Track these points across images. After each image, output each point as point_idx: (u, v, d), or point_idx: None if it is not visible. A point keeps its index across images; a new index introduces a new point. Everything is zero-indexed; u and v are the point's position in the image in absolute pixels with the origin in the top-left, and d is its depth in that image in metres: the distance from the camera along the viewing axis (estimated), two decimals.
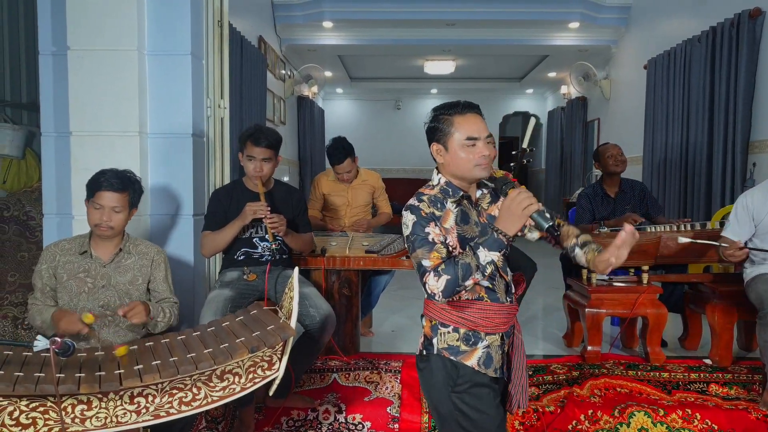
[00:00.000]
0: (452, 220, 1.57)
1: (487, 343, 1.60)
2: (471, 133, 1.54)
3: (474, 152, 1.54)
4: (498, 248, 1.45)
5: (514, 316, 1.64)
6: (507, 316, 1.61)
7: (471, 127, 1.55)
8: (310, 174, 8.05)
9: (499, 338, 1.62)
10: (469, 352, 1.58)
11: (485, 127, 1.57)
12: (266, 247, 2.60)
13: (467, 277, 1.44)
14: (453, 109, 1.58)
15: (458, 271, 1.44)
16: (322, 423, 2.48)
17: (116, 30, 2.70)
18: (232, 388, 1.56)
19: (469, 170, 1.56)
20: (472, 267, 1.43)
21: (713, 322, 2.90)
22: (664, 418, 2.46)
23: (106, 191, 2.04)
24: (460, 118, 1.56)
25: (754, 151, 3.97)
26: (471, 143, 1.54)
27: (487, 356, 1.59)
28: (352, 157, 3.42)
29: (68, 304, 2.09)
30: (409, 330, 3.61)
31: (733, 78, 4.09)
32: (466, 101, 1.60)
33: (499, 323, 1.60)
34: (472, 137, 1.54)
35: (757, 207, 2.66)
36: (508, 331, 1.63)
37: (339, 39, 7.17)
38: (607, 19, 6.56)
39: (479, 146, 1.54)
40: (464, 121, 1.55)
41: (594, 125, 7.80)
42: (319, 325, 2.43)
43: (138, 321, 1.95)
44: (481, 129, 1.55)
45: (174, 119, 2.84)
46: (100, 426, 1.43)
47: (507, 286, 1.64)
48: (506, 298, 1.62)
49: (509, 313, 1.62)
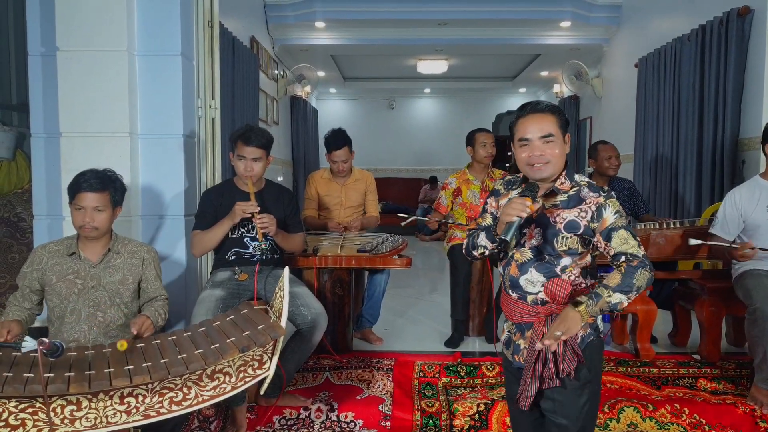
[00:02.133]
0: (505, 202, 1.66)
1: (508, 327, 1.74)
2: (523, 135, 1.60)
3: (526, 153, 1.59)
4: (490, 239, 1.64)
5: (526, 313, 1.64)
6: (515, 309, 1.66)
7: (524, 129, 1.60)
8: (303, 174, 8.04)
9: (513, 327, 1.70)
10: (503, 328, 1.78)
11: (545, 126, 1.57)
12: (257, 247, 2.61)
13: (472, 249, 1.70)
14: (521, 111, 1.64)
15: (470, 241, 1.71)
16: (314, 422, 2.49)
17: (106, 31, 2.70)
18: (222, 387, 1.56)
19: (523, 169, 1.64)
20: (474, 244, 1.69)
21: (702, 318, 2.93)
22: (653, 413, 2.48)
23: (86, 192, 2.04)
24: (521, 121, 1.62)
25: (743, 148, 4.00)
26: (524, 143, 1.60)
27: (508, 339, 1.73)
28: (349, 146, 3.42)
29: (59, 307, 2.09)
30: (402, 328, 3.62)
31: (723, 76, 4.12)
32: (533, 102, 1.63)
33: (509, 312, 1.69)
34: (524, 138, 1.59)
35: (745, 204, 2.69)
36: (521, 325, 1.66)
37: (331, 39, 7.17)
38: (599, 18, 6.59)
39: (533, 146, 1.58)
40: (523, 123, 1.61)
41: (586, 124, 7.83)
42: (310, 324, 2.44)
43: (149, 335, 1.95)
44: (535, 129, 1.58)
45: (164, 120, 2.84)
46: (90, 426, 1.43)
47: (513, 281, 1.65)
48: (511, 291, 1.66)
49: (516, 306, 1.65)
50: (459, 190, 3.47)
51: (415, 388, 2.71)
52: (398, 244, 3.14)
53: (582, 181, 1.63)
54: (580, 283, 1.61)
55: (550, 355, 1.56)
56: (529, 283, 1.62)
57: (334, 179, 3.53)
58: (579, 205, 1.58)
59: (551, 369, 1.56)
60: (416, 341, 3.34)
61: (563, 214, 1.58)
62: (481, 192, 3.45)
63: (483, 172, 3.49)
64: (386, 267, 3.07)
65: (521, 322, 1.66)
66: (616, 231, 1.54)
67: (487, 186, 3.46)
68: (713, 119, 4.21)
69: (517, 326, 1.68)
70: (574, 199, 1.60)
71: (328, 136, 3.41)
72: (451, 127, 10.96)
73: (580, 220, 1.57)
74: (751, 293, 2.55)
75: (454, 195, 3.49)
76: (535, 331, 1.59)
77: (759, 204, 2.66)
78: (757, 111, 3.87)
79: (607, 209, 1.56)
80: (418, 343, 3.31)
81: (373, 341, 3.28)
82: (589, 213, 1.57)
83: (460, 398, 2.59)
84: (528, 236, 1.62)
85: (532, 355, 1.58)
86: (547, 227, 1.59)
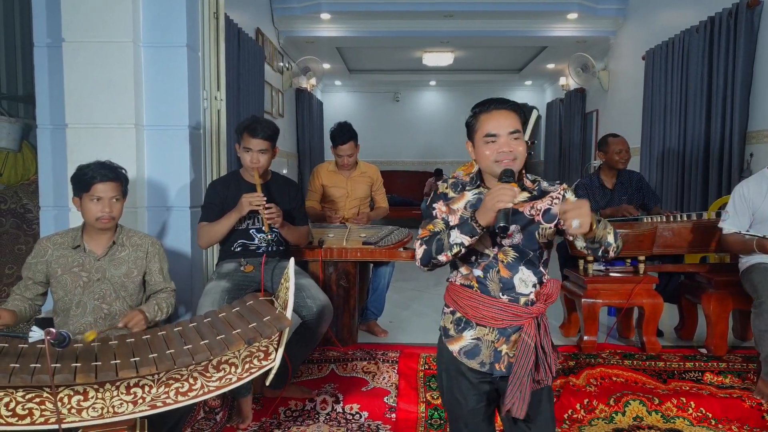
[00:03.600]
0: (463, 203, 1.63)
1: (477, 334, 1.61)
2: (490, 130, 1.56)
3: (493, 149, 1.56)
4: (469, 233, 1.51)
5: (516, 316, 1.57)
6: (501, 313, 1.57)
7: (490, 124, 1.56)
8: (308, 166, 8.04)
9: (493, 333, 1.59)
10: (455, 337, 1.64)
11: (511, 123, 1.55)
12: (263, 238, 2.61)
13: (440, 252, 1.54)
14: (481, 107, 1.60)
15: (433, 245, 1.55)
16: (319, 413, 2.50)
17: (111, 22, 2.69)
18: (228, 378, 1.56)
19: (488, 166, 1.59)
20: (445, 245, 1.53)
21: (708, 311, 2.91)
22: (659, 406, 2.48)
23: (102, 182, 2.05)
24: (485, 116, 1.58)
25: (752, 141, 3.96)
26: (491, 140, 1.56)
27: (474, 347, 1.61)
28: (355, 141, 3.41)
29: (64, 299, 2.09)
30: (407, 321, 3.62)
31: (731, 68, 4.08)
32: (493, 99, 1.61)
33: (488, 316, 1.58)
34: (491, 134, 1.56)
35: (754, 196, 2.67)
36: (506, 330, 1.58)
37: (337, 31, 7.14)
38: (606, 9, 6.53)
39: (500, 142, 1.54)
40: (486, 119, 1.57)
41: (593, 117, 7.79)
42: (316, 315, 2.44)
43: (137, 330, 1.95)
44: (503, 124, 1.54)
45: (170, 111, 2.84)
46: (97, 416, 1.44)
47: (506, 283, 1.57)
48: (501, 294, 1.57)
49: (504, 310, 1.57)
50: None
51: (421, 380, 2.71)
52: (403, 237, 3.13)
53: (537, 178, 1.64)
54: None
55: (542, 355, 1.55)
56: (522, 283, 1.57)
57: (339, 171, 3.52)
58: (548, 195, 1.59)
59: (547, 369, 1.54)
60: (421, 333, 3.35)
61: (537, 205, 1.58)
62: None
63: None
64: (391, 259, 3.07)
65: (509, 326, 1.58)
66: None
67: None
68: (721, 112, 4.18)
69: (500, 331, 1.58)
70: (539, 192, 1.61)
71: (334, 130, 3.40)
72: (457, 120, 10.88)
73: (553, 206, 1.56)
74: (758, 287, 2.54)
75: None
76: (528, 332, 1.54)
77: (766, 197, 2.64)
78: (765, 104, 3.83)
79: (569, 193, 1.59)
80: (423, 335, 3.31)
81: (378, 333, 3.29)
82: (560, 199, 1.57)
83: None
84: (507, 235, 1.55)
85: (527, 359, 1.53)
86: (525, 223, 1.57)
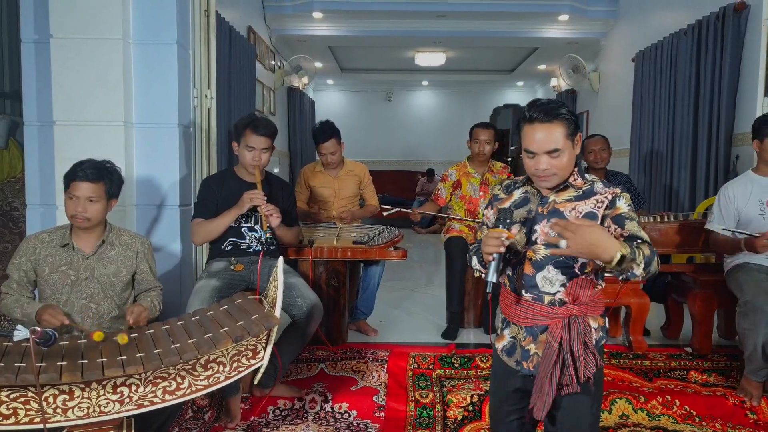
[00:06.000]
0: (510, 203, 1.63)
1: (512, 332, 1.63)
2: (528, 147, 1.53)
3: (531, 164, 1.53)
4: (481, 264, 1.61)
5: (541, 315, 1.54)
6: (528, 312, 1.55)
7: (529, 140, 1.52)
8: (300, 166, 8.01)
9: (522, 331, 1.58)
10: (499, 336, 1.68)
11: (551, 139, 1.48)
12: (254, 237, 2.61)
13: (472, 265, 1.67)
14: (529, 112, 1.53)
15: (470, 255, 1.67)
16: (308, 412, 2.50)
17: (100, 18, 2.68)
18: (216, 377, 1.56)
19: (532, 177, 1.58)
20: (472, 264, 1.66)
21: (694, 311, 2.95)
22: (645, 404, 2.51)
23: (81, 181, 2.03)
24: (527, 128, 1.53)
25: (737, 143, 4.01)
26: (529, 156, 1.53)
27: (512, 345, 1.63)
28: (337, 138, 3.39)
29: (51, 298, 2.07)
30: (398, 320, 3.63)
31: (718, 71, 4.12)
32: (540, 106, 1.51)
33: (515, 314, 1.59)
34: (529, 151, 1.52)
35: (739, 198, 2.71)
36: (533, 329, 1.56)
37: (329, 30, 7.13)
38: (597, 11, 6.58)
39: (538, 160, 1.51)
40: (528, 132, 1.52)
41: (583, 118, 7.83)
42: (305, 314, 2.44)
43: (144, 324, 1.94)
44: (541, 143, 1.49)
45: (160, 109, 2.82)
46: (83, 416, 1.43)
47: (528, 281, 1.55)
48: (524, 292, 1.56)
49: (528, 309, 1.55)
50: (459, 182, 3.47)
51: (410, 379, 2.72)
52: (394, 236, 3.14)
53: (594, 179, 1.59)
54: (596, 285, 1.55)
55: (569, 359, 1.48)
56: (547, 281, 1.53)
57: (326, 171, 3.52)
58: (594, 197, 1.54)
59: (572, 373, 1.48)
60: (411, 333, 3.35)
61: (579, 207, 1.53)
62: (481, 185, 3.45)
63: (483, 165, 3.48)
64: (382, 259, 3.07)
65: (534, 326, 1.55)
66: (630, 219, 1.49)
67: (487, 179, 3.45)
68: (708, 114, 4.22)
69: (528, 330, 1.57)
70: (588, 193, 1.55)
71: (316, 129, 3.40)
72: (449, 120, 10.94)
73: (597, 210, 1.52)
74: (743, 286, 2.57)
75: (454, 187, 3.48)
76: (552, 334, 1.50)
77: (751, 198, 2.68)
78: (751, 107, 3.87)
79: (620, 200, 1.52)
80: (413, 334, 3.32)
81: (368, 332, 3.29)
82: (605, 203, 1.52)
83: (454, 389, 2.60)
84: (541, 233, 1.53)
85: (549, 360, 1.49)
86: None
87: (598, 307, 1.57)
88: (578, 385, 1.49)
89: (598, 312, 1.57)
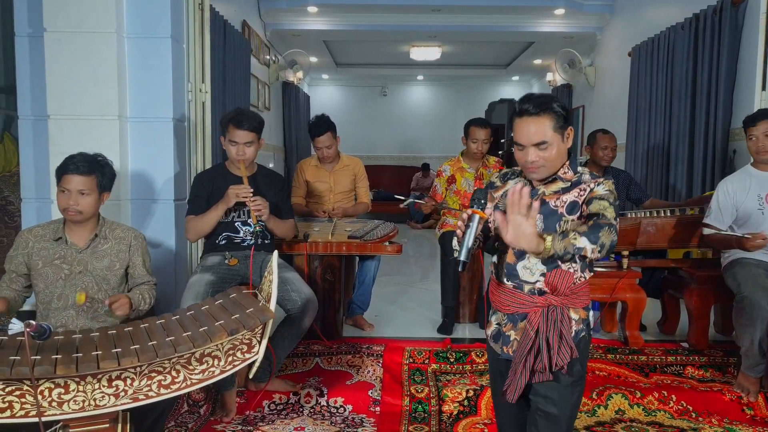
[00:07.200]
0: (502, 192, 1.68)
1: (498, 319, 1.67)
2: (518, 139, 1.56)
3: (521, 156, 1.57)
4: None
5: (521, 303, 1.58)
6: (510, 299, 1.60)
7: (519, 132, 1.55)
8: (295, 160, 7.99)
9: (505, 318, 1.63)
10: (489, 323, 1.72)
11: (539, 132, 1.52)
12: (248, 231, 2.60)
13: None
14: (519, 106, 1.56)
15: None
16: (303, 406, 2.50)
17: (94, 12, 2.66)
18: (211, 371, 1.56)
19: (522, 168, 1.61)
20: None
21: (691, 306, 2.95)
22: (641, 400, 2.51)
23: (72, 174, 2.02)
24: (518, 121, 1.56)
25: (735, 138, 4.01)
26: (518, 148, 1.57)
27: (498, 332, 1.67)
28: (333, 132, 3.38)
29: (44, 292, 2.07)
30: (392, 315, 3.63)
31: (715, 65, 4.12)
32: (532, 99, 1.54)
33: (498, 301, 1.64)
34: (519, 143, 1.56)
35: (737, 193, 2.70)
36: (514, 316, 1.60)
37: (324, 24, 7.10)
38: (593, 5, 6.56)
39: (527, 152, 1.54)
40: (518, 124, 1.56)
41: (579, 113, 7.83)
42: (300, 309, 2.44)
43: (120, 314, 1.95)
44: (530, 136, 1.52)
45: (154, 103, 2.81)
46: (78, 409, 1.42)
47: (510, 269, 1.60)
48: (506, 280, 1.61)
49: (509, 296, 1.60)
50: (453, 177, 3.46)
51: (405, 373, 2.72)
52: (389, 231, 3.13)
53: (584, 171, 1.61)
54: (579, 277, 1.56)
55: (544, 347, 1.52)
56: (527, 270, 1.57)
57: (322, 166, 3.51)
58: (579, 186, 1.56)
59: (545, 362, 1.52)
60: (406, 328, 3.36)
61: (563, 197, 1.56)
62: (476, 180, 3.44)
63: (477, 160, 3.47)
64: (377, 253, 3.07)
65: (515, 313, 1.60)
66: (599, 199, 1.50)
67: (481, 174, 3.45)
68: (705, 109, 4.22)
69: (509, 317, 1.62)
70: (575, 184, 1.58)
71: (311, 123, 3.40)
72: (444, 114, 10.92)
73: (579, 199, 1.55)
74: (740, 282, 2.57)
75: (448, 182, 3.47)
76: (530, 321, 1.55)
77: (749, 193, 2.68)
78: (749, 101, 3.87)
79: (600, 186, 1.54)
80: (408, 329, 3.32)
81: (364, 327, 3.29)
82: (587, 192, 1.54)
83: (450, 384, 2.60)
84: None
85: (524, 347, 1.54)
86: (548, 214, 1.56)
87: (581, 299, 1.59)
88: (550, 374, 1.53)
89: (581, 305, 1.59)
